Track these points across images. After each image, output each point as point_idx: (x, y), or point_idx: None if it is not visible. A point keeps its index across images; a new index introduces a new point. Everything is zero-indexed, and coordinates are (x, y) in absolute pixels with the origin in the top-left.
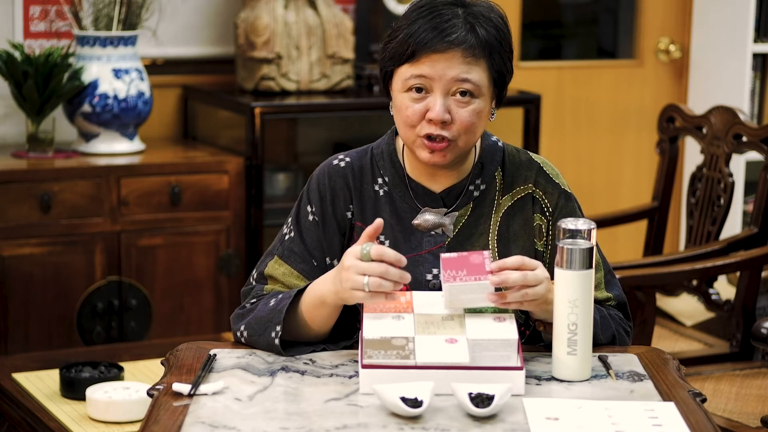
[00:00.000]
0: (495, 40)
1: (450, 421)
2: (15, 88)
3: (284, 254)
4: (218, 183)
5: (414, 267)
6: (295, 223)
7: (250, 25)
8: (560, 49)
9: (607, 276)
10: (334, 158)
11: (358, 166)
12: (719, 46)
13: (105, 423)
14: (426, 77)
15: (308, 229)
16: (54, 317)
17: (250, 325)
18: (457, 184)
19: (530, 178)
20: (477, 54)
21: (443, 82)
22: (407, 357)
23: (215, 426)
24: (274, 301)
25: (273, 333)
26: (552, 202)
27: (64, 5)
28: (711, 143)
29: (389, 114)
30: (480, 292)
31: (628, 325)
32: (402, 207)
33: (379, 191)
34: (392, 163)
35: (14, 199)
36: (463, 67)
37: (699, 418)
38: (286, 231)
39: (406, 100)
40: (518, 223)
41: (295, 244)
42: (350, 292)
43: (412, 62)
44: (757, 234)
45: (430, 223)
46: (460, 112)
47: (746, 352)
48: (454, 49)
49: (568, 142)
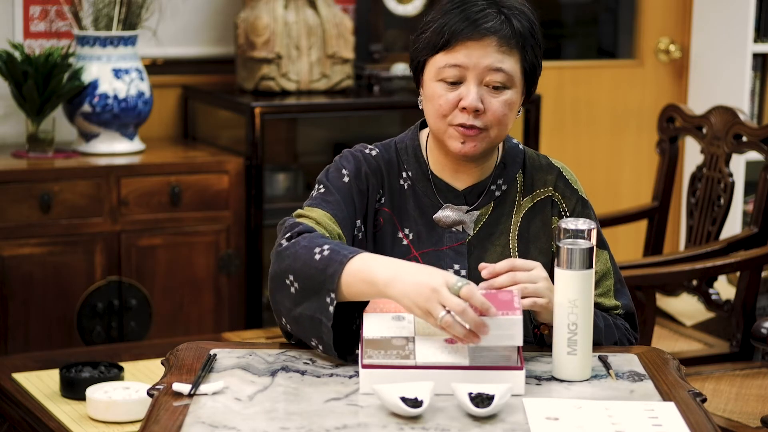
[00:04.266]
0: (528, 32)
1: (450, 421)
2: (15, 88)
3: (315, 203)
4: (218, 183)
5: (435, 262)
6: (326, 180)
7: (250, 25)
8: (560, 49)
9: (617, 285)
10: (362, 146)
11: (386, 158)
12: (719, 46)
13: (105, 423)
14: (460, 66)
15: (340, 188)
16: (54, 317)
17: (298, 275)
18: (479, 183)
19: (550, 182)
20: (511, 44)
21: (477, 70)
22: (407, 357)
23: (215, 426)
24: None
25: (328, 298)
26: (570, 207)
27: (64, 5)
28: (711, 143)
29: (389, 114)
30: (509, 329)
31: (634, 336)
32: (425, 202)
33: (403, 185)
34: (416, 158)
35: (14, 199)
36: (497, 56)
37: (699, 418)
38: (314, 194)
39: (439, 89)
40: (537, 225)
41: (328, 194)
42: (419, 311)
43: (446, 50)
44: (757, 234)
45: (450, 220)
46: (492, 102)
47: (746, 352)
48: (489, 38)
49: (568, 142)
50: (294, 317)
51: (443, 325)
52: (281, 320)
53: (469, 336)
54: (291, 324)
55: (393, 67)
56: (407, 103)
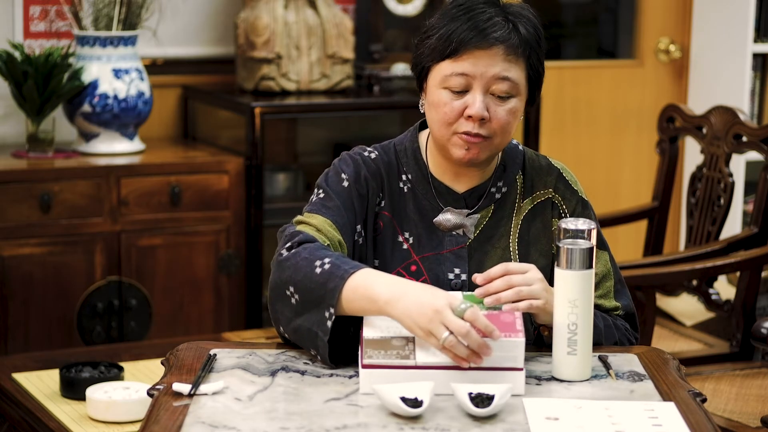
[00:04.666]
0: (534, 38)
1: (450, 421)
2: (15, 88)
3: (315, 209)
4: (218, 183)
5: (436, 265)
6: (325, 185)
7: (250, 25)
8: (560, 49)
9: (617, 286)
10: (361, 149)
11: (386, 161)
12: (719, 46)
13: (105, 423)
14: (467, 75)
15: (340, 193)
16: (54, 317)
17: (299, 287)
18: (479, 186)
19: (550, 183)
20: (518, 53)
21: (484, 79)
22: (407, 357)
23: (215, 426)
24: (320, 269)
25: (327, 313)
26: (570, 208)
27: (64, 5)
28: (711, 143)
29: (389, 114)
30: (511, 350)
31: (634, 336)
32: (425, 205)
33: (403, 188)
34: (416, 161)
35: (14, 199)
36: (504, 65)
37: (699, 418)
38: (314, 198)
39: (445, 96)
40: (538, 227)
41: (328, 200)
42: (421, 331)
43: (453, 58)
44: (757, 234)
45: (451, 224)
46: (497, 111)
47: (746, 352)
48: (497, 47)
49: (568, 142)
50: (293, 328)
51: (446, 346)
52: (279, 328)
53: (472, 357)
54: (289, 333)
55: (393, 67)
56: (407, 103)
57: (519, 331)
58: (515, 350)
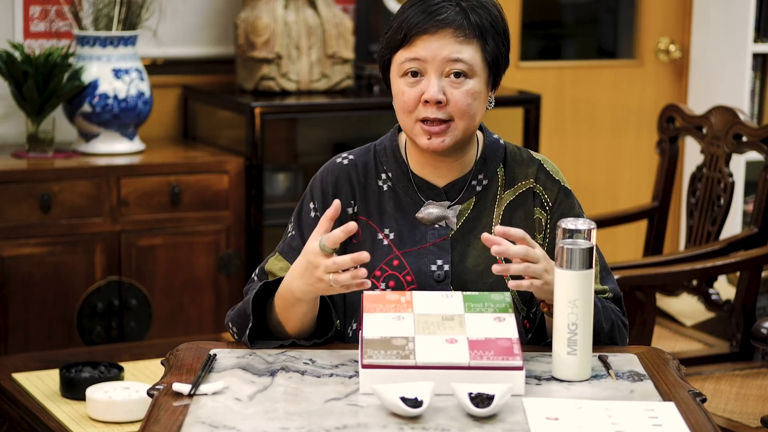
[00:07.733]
0: (488, 24)
1: (450, 421)
2: (15, 88)
3: (284, 250)
4: (218, 183)
5: (419, 259)
6: (296, 221)
7: (250, 25)
8: (560, 49)
9: (602, 272)
10: (337, 157)
11: (362, 163)
12: (719, 46)
13: (105, 423)
14: (419, 59)
15: (309, 225)
16: (54, 317)
17: (234, 320)
18: (459, 179)
19: (531, 174)
20: (468, 34)
21: (436, 62)
22: (407, 357)
23: (215, 426)
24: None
25: (247, 329)
26: (551, 197)
27: (64, 5)
28: (711, 143)
29: (389, 114)
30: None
31: (626, 321)
32: (406, 201)
33: (383, 186)
34: (395, 159)
35: (14, 199)
36: (455, 46)
37: (699, 418)
38: (289, 229)
39: (402, 85)
40: (520, 217)
41: (295, 240)
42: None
43: (406, 46)
44: (757, 234)
45: (433, 216)
46: (454, 93)
47: (746, 352)
48: (445, 29)
49: (568, 142)
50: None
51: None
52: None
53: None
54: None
55: None
56: None
57: (516, 356)
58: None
